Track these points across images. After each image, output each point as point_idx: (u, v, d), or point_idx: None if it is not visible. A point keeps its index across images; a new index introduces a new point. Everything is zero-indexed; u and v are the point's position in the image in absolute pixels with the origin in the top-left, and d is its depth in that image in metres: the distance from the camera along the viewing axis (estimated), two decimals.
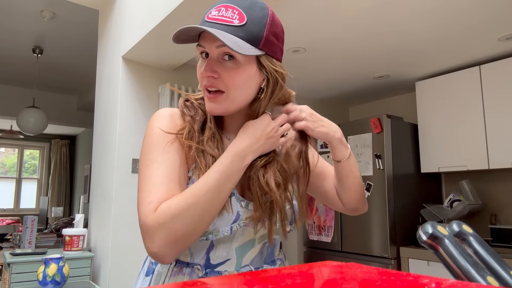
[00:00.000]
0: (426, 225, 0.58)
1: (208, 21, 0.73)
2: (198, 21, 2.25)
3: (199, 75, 0.78)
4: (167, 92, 2.78)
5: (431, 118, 3.17)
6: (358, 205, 0.96)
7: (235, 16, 0.73)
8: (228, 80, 0.74)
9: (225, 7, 0.74)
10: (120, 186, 2.60)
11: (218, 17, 0.73)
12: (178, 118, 0.83)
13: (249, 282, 0.41)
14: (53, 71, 4.75)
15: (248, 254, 0.81)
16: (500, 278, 0.52)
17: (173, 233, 0.68)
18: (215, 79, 0.75)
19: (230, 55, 0.74)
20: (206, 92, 0.77)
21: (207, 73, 0.74)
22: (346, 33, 2.53)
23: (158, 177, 0.73)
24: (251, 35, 0.73)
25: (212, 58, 0.75)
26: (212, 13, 0.74)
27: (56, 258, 2.08)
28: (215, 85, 0.75)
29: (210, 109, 0.78)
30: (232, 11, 0.73)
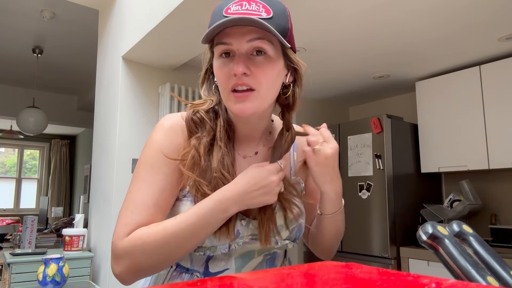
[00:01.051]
0: (426, 225, 0.58)
1: (232, 16, 0.67)
2: (198, 21, 2.25)
3: (223, 75, 0.71)
4: (167, 92, 2.78)
5: (431, 118, 3.17)
6: (322, 255, 0.90)
7: (261, 9, 0.68)
8: (261, 76, 0.70)
9: (246, 1, 0.69)
10: (120, 186, 2.60)
11: (244, 11, 0.67)
12: (182, 132, 0.77)
13: (249, 282, 0.41)
14: (53, 71, 4.75)
15: (248, 265, 0.79)
16: (500, 278, 0.52)
17: (137, 264, 0.67)
18: (246, 76, 0.69)
19: (259, 50, 0.69)
20: (233, 93, 0.70)
21: (241, 70, 0.68)
22: (346, 33, 2.53)
23: (142, 198, 0.72)
24: (279, 28, 0.69)
25: (242, 54, 0.69)
26: (232, 8, 0.68)
27: (56, 258, 2.08)
28: (247, 82, 0.69)
29: (240, 110, 0.71)
30: (256, 4, 0.69)
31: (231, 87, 0.70)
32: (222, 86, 0.72)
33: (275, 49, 0.71)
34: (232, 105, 0.71)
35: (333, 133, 3.55)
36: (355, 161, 3.14)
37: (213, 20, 0.70)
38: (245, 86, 0.69)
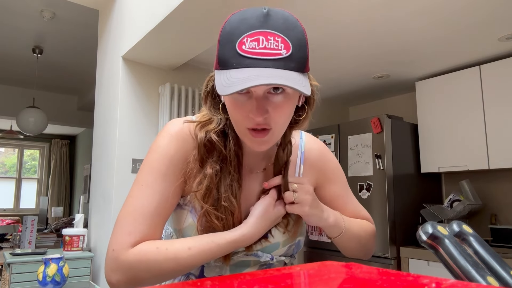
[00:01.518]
0: (426, 225, 0.58)
1: (250, 56, 0.62)
2: (198, 21, 2.24)
3: (239, 114, 0.68)
4: (167, 92, 2.78)
5: (431, 118, 3.17)
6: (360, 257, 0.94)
7: (280, 45, 0.63)
8: (278, 117, 0.67)
9: (263, 36, 0.63)
10: (120, 186, 2.60)
11: (261, 51, 0.62)
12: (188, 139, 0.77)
13: (249, 282, 0.41)
14: (53, 71, 4.75)
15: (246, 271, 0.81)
16: (500, 278, 0.52)
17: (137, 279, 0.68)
18: (264, 119, 0.66)
19: (277, 87, 0.65)
20: (250, 131, 0.68)
21: (261, 116, 0.65)
22: (346, 33, 2.53)
23: (147, 207, 0.71)
24: (299, 63, 0.65)
25: (259, 95, 0.65)
26: (247, 44, 0.63)
27: (56, 258, 2.08)
28: (264, 124, 0.67)
29: (256, 147, 0.70)
30: (274, 39, 0.63)
31: (248, 126, 0.68)
32: (237, 122, 0.70)
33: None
34: (248, 142, 0.71)
35: (333, 134, 3.52)
36: (355, 161, 3.14)
37: (225, 53, 0.65)
38: (262, 127, 0.68)
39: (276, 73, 0.62)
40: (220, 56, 0.66)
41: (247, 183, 0.79)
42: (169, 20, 2.10)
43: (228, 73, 0.63)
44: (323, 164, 0.89)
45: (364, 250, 0.90)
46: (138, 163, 2.69)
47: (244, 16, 0.66)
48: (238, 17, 0.66)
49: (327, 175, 0.90)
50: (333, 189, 0.90)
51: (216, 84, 0.64)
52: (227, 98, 0.69)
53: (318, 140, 0.93)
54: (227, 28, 0.66)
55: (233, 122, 0.71)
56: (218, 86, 0.64)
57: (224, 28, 0.67)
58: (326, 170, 0.90)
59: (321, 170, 0.89)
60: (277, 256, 0.81)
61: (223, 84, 0.63)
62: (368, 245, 0.90)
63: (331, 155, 0.93)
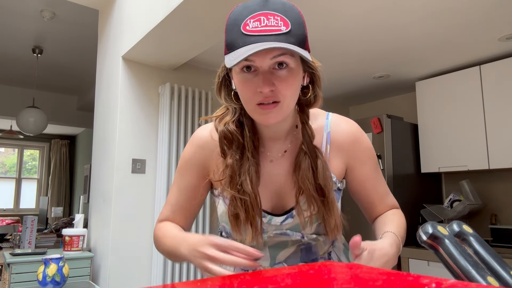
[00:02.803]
0: (426, 225, 0.58)
1: (253, 34, 0.69)
2: (198, 21, 2.24)
3: (248, 90, 0.73)
4: (167, 92, 2.78)
5: (431, 118, 3.17)
6: None
7: (279, 23, 0.70)
8: (285, 90, 0.72)
9: (264, 16, 0.70)
10: (120, 186, 2.60)
11: (264, 28, 0.69)
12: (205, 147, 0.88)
13: (249, 282, 0.41)
14: (53, 71, 4.75)
15: (281, 253, 0.87)
16: (500, 278, 0.52)
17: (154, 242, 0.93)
18: (271, 92, 0.72)
19: (281, 63, 0.71)
20: (258, 105, 0.73)
21: (268, 88, 0.70)
22: (346, 33, 2.53)
23: (172, 199, 0.93)
24: (298, 38, 0.71)
25: (265, 70, 0.71)
26: (251, 24, 0.69)
27: (56, 258, 2.08)
28: (272, 97, 0.72)
29: (266, 121, 0.75)
30: (274, 18, 0.70)
31: (257, 101, 0.73)
32: (247, 100, 0.75)
33: (296, 59, 0.73)
34: (258, 116, 0.76)
35: None
36: None
37: (232, 37, 0.71)
38: (270, 100, 0.73)
39: (278, 44, 0.68)
40: (228, 40, 0.73)
41: (267, 169, 0.85)
42: (169, 20, 2.10)
43: (236, 52, 0.70)
44: (353, 146, 0.88)
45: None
46: (138, 163, 2.69)
47: (246, 4, 0.73)
48: (241, 6, 0.74)
49: (358, 157, 0.88)
50: (364, 171, 0.89)
51: (226, 62, 0.71)
52: (237, 80, 0.75)
53: (348, 120, 0.92)
54: (232, 17, 0.73)
55: (244, 102, 0.76)
56: (227, 62, 0.71)
57: (230, 18, 0.74)
58: (357, 151, 0.88)
59: (352, 152, 0.88)
60: (308, 234, 0.85)
61: (231, 59, 0.70)
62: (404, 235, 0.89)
63: (362, 135, 0.90)
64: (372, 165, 0.90)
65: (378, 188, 0.92)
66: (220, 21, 2.09)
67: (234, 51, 0.70)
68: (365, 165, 0.89)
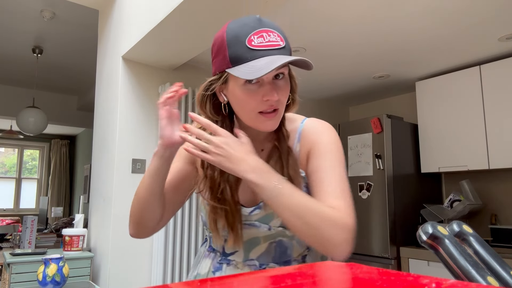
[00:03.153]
0: (426, 225, 0.58)
1: (260, 48, 0.76)
2: (198, 21, 2.24)
3: (253, 100, 0.79)
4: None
5: (431, 118, 3.17)
6: (321, 248, 0.79)
7: (278, 38, 0.78)
8: (283, 98, 0.81)
9: (265, 32, 0.78)
10: (120, 186, 2.60)
11: (268, 43, 0.77)
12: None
13: (249, 282, 0.41)
14: (53, 71, 4.75)
15: (254, 250, 0.89)
16: (500, 278, 0.52)
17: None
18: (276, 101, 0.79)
19: (278, 74, 0.79)
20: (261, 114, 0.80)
21: (276, 97, 0.78)
22: (346, 33, 2.53)
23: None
24: (290, 51, 0.81)
25: (269, 81, 0.79)
26: (255, 40, 0.77)
27: (56, 258, 2.08)
28: (275, 105, 0.80)
29: (269, 127, 0.82)
30: (274, 34, 0.78)
31: (260, 110, 0.80)
32: (250, 109, 0.80)
33: (287, 70, 0.82)
34: (259, 124, 0.82)
35: None
36: (355, 161, 3.14)
37: (237, 52, 0.77)
38: (273, 108, 0.80)
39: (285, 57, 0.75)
40: (232, 55, 0.77)
41: None
42: (169, 20, 2.10)
43: (247, 65, 0.76)
44: (315, 137, 0.88)
45: (313, 235, 0.76)
46: (138, 163, 2.69)
47: (243, 22, 0.79)
48: (237, 24, 0.80)
49: (315, 148, 0.87)
50: (315, 163, 0.85)
51: (240, 75, 0.75)
52: (240, 91, 0.79)
53: (320, 121, 0.93)
54: (230, 33, 0.79)
55: (244, 111, 0.81)
56: (243, 74, 0.75)
57: (227, 34, 0.79)
58: (315, 143, 0.88)
59: (311, 143, 0.88)
60: (275, 226, 0.86)
61: (249, 71, 0.74)
62: (319, 231, 0.75)
63: (326, 130, 0.90)
64: (327, 160, 0.85)
65: (323, 183, 0.83)
66: (220, 21, 2.09)
67: (244, 64, 0.76)
68: (318, 158, 0.86)
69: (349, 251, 0.79)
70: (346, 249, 0.78)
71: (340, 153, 0.88)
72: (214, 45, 0.82)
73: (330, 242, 0.76)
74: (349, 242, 0.78)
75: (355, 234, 0.80)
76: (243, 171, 0.76)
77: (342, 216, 0.78)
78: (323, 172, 0.84)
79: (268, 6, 1.93)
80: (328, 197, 0.81)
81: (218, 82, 0.82)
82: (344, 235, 0.77)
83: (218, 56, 0.80)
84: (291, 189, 0.77)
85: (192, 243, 2.78)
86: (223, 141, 0.77)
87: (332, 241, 0.76)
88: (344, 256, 0.78)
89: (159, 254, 2.62)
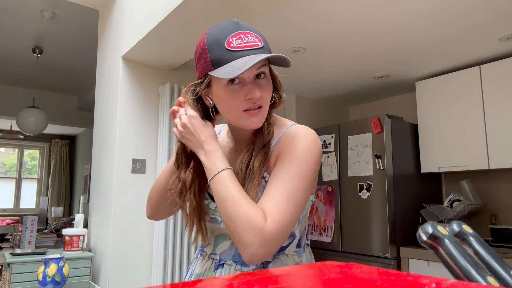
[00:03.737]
0: (426, 225, 0.58)
1: (238, 50, 0.80)
2: (198, 21, 2.24)
3: (237, 99, 0.82)
4: (167, 92, 2.78)
5: (431, 118, 3.17)
6: (236, 244, 0.78)
7: (255, 39, 0.82)
8: (266, 95, 0.85)
9: (243, 34, 0.81)
10: (120, 186, 2.60)
11: (246, 44, 0.80)
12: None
13: (249, 282, 0.41)
14: (53, 71, 4.75)
15: (219, 246, 0.94)
16: (500, 278, 0.52)
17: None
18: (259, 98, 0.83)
19: (259, 74, 0.83)
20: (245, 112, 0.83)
21: (258, 95, 0.81)
22: (346, 33, 2.53)
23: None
24: (269, 51, 0.84)
25: (251, 80, 0.82)
26: (234, 42, 0.80)
27: (56, 258, 2.08)
28: (259, 103, 0.83)
29: (255, 124, 0.85)
30: (251, 36, 0.82)
31: (244, 108, 0.83)
32: (234, 108, 0.83)
33: (267, 69, 0.85)
34: (244, 122, 0.85)
35: (333, 134, 3.52)
36: (355, 161, 3.14)
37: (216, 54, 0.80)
38: (257, 106, 0.83)
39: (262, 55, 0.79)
40: (212, 58, 0.81)
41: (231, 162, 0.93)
42: (169, 20, 2.10)
43: (227, 65, 0.79)
44: (286, 143, 0.86)
45: (231, 229, 0.77)
46: (138, 163, 2.69)
47: (220, 27, 0.83)
48: (216, 29, 0.84)
49: (283, 153, 0.85)
50: (276, 167, 0.84)
51: (220, 75, 0.78)
52: (223, 92, 0.82)
53: (304, 129, 0.89)
54: (210, 38, 0.82)
55: (229, 110, 0.84)
56: (223, 75, 0.78)
57: (207, 39, 0.83)
58: (285, 148, 0.85)
59: (282, 148, 0.86)
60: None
61: (229, 71, 0.78)
62: (234, 225, 0.76)
63: (303, 140, 0.85)
64: (287, 166, 0.82)
65: (271, 187, 0.81)
66: (220, 21, 2.09)
67: (224, 65, 0.79)
68: (280, 163, 0.84)
69: (262, 257, 0.75)
70: (257, 254, 0.74)
71: (305, 163, 0.83)
72: (196, 51, 0.86)
73: (241, 240, 0.75)
74: (261, 247, 0.74)
75: (273, 244, 0.75)
76: (197, 148, 0.86)
77: (262, 220, 0.75)
78: (277, 177, 0.82)
79: (268, 6, 1.93)
80: (266, 200, 0.79)
81: (201, 86, 0.85)
82: (254, 238, 0.74)
83: (200, 61, 0.84)
84: (230, 179, 0.81)
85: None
86: (189, 121, 0.86)
87: (241, 239, 0.75)
88: (254, 260, 0.75)
89: (159, 254, 2.62)
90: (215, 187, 0.81)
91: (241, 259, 0.91)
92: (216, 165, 0.82)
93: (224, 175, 0.81)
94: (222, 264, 0.93)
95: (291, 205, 0.79)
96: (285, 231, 0.77)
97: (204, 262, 0.97)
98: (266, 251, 0.75)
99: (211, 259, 0.96)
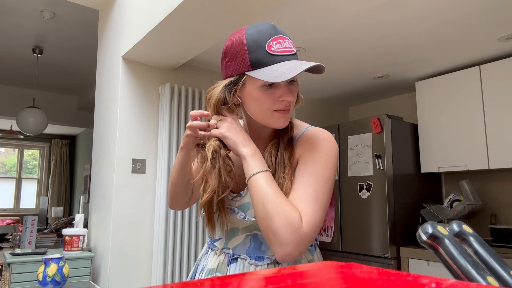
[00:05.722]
0: (426, 225, 0.58)
1: (279, 54, 0.84)
2: (198, 21, 2.24)
3: (270, 100, 0.86)
4: (167, 92, 2.78)
5: (431, 118, 3.17)
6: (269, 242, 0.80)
7: (290, 45, 0.87)
8: (294, 99, 0.89)
9: (282, 39, 0.86)
10: (120, 186, 2.60)
11: (285, 49, 0.85)
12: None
13: (249, 282, 0.41)
14: (53, 71, 4.75)
15: (232, 240, 0.96)
16: (500, 278, 0.52)
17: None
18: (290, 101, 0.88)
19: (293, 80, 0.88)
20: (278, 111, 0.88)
21: (291, 98, 0.86)
22: (346, 33, 2.53)
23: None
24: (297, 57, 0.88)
25: (285, 83, 0.87)
26: (274, 46, 0.84)
27: (56, 258, 2.08)
28: (289, 106, 0.89)
29: (282, 124, 0.90)
30: (288, 41, 0.87)
31: (275, 109, 0.87)
32: (266, 108, 0.88)
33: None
34: (274, 121, 0.89)
35: (333, 134, 3.54)
36: (355, 161, 3.14)
37: (257, 56, 0.84)
38: (288, 107, 0.88)
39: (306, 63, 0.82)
40: (252, 60, 0.84)
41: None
42: (169, 20, 2.10)
43: (269, 68, 0.83)
44: (308, 144, 0.91)
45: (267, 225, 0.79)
46: (138, 163, 2.69)
47: (259, 28, 0.86)
48: (254, 30, 0.86)
49: (305, 154, 0.90)
50: (301, 169, 0.88)
51: (264, 77, 0.82)
52: (257, 92, 0.86)
53: (322, 131, 0.95)
54: (249, 39, 0.85)
55: (260, 110, 0.88)
56: (269, 78, 0.82)
57: (247, 40, 0.85)
58: (307, 150, 0.90)
59: (304, 150, 0.91)
60: (250, 217, 0.91)
61: (275, 75, 0.81)
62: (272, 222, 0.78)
63: (324, 142, 0.91)
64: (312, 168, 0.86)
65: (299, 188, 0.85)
66: (220, 21, 2.09)
67: (264, 68, 0.83)
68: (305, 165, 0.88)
69: (294, 256, 0.77)
70: (291, 253, 0.77)
71: (329, 166, 0.88)
72: (231, 48, 0.87)
73: (277, 238, 0.77)
74: (296, 246, 0.77)
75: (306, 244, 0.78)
76: (242, 147, 0.87)
77: (299, 220, 0.78)
78: (304, 179, 0.86)
79: (268, 7, 1.93)
80: (298, 201, 0.83)
81: (239, 84, 0.88)
82: (292, 237, 0.76)
83: (236, 59, 0.86)
84: (268, 179, 0.83)
85: (192, 243, 2.78)
86: (231, 122, 0.90)
87: (278, 236, 0.77)
88: (287, 259, 0.77)
89: (159, 254, 2.62)
90: (256, 184, 0.83)
91: (255, 254, 0.93)
92: (258, 165, 0.85)
93: (266, 175, 0.84)
94: (236, 259, 0.94)
95: (320, 206, 0.84)
96: (316, 232, 0.82)
97: (217, 257, 0.98)
98: (300, 250, 0.77)
99: (223, 254, 0.97)
